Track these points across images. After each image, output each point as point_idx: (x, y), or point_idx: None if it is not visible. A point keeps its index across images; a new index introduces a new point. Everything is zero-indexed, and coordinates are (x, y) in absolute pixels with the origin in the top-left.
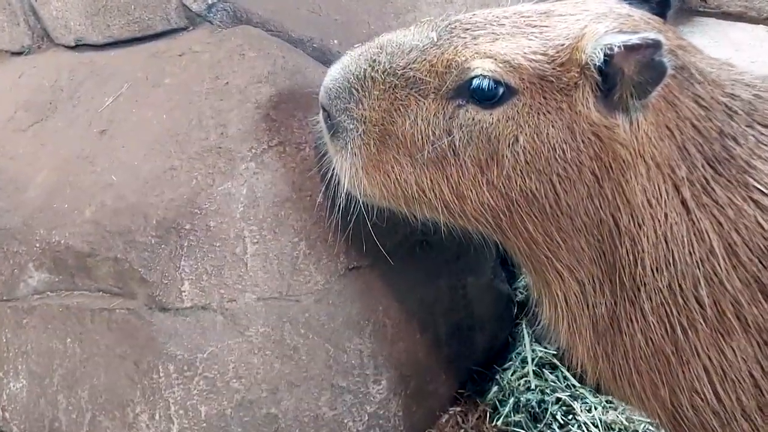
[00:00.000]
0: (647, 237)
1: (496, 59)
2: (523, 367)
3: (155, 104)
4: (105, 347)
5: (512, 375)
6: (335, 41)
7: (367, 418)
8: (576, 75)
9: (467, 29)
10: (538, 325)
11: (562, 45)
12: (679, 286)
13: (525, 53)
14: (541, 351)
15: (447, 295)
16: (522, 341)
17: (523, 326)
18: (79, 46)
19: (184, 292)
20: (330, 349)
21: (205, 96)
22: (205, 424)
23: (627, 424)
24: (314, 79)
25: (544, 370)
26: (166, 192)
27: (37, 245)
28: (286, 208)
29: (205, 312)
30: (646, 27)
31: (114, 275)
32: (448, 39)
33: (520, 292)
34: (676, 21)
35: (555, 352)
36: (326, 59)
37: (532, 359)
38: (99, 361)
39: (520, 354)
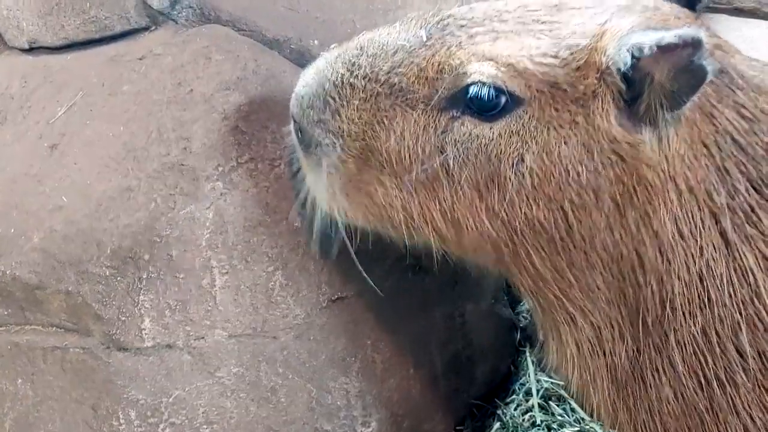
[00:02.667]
0: (678, 275)
1: (497, 62)
2: (528, 400)
3: (111, 115)
4: (59, 390)
5: (516, 409)
6: (315, 42)
7: None
8: (594, 82)
9: (463, 26)
10: (542, 352)
11: (578, 45)
12: (716, 332)
13: (532, 55)
14: (547, 381)
15: (443, 324)
16: (526, 371)
17: (527, 355)
18: (34, 49)
19: (145, 329)
20: (312, 389)
21: (166, 105)
22: None
23: None
24: (290, 85)
25: (550, 402)
26: (121, 216)
27: None
28: (259, 234)
29: (169, 351)
30: (677, 23)
31: (67, 310)
32: (439, 38)
33: (523, 317)
34: None
35: (562, 383)
36: (305, 62)
37: (537, 391)
38: (53, 405)
39: (524, 385)
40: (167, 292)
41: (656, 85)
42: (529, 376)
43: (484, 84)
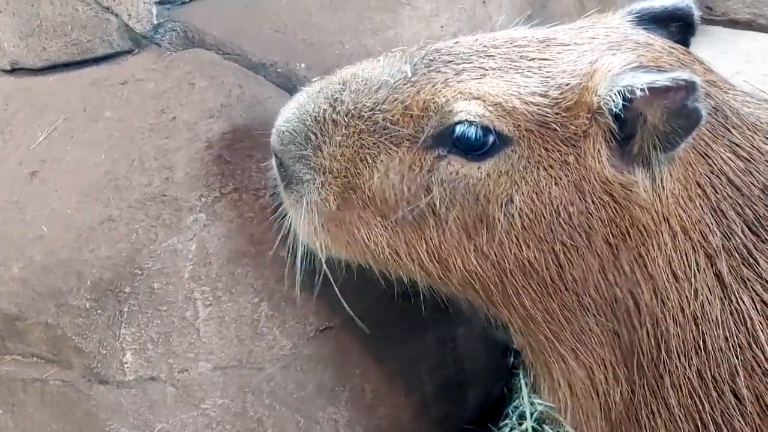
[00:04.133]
0: (673, 318)
1: (484, 101)
2: (521, 424)
3: (93, 142)
4: (40, 422)
5: None
6: (302, 65)
7: None
8: (585, 122)
9: (449, 62)
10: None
11: (568, 84)
12: (712, 376)
13: (521, 94)
14: (541, 404)
15: (434, 350)
16: (519, 394)
17: (521, 377)
18: (16, 71)
19: (126, 363)
20: (300, 420)
21: (148, 133)
22: None
23: None
24: (276, 111)
25: (544, 426)
26: (102, 248)
27: None
28: (244, 265)
29: (152, 384)
30: (670, 60)
31: (47, 341)
32: (425, 74)
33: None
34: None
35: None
36: (291, 85)
37: (531, 414)
38: None
39: (517, 408)
40: (149, 325)
41: (649, 126)
42: (522, 399)
43: (471, 123)
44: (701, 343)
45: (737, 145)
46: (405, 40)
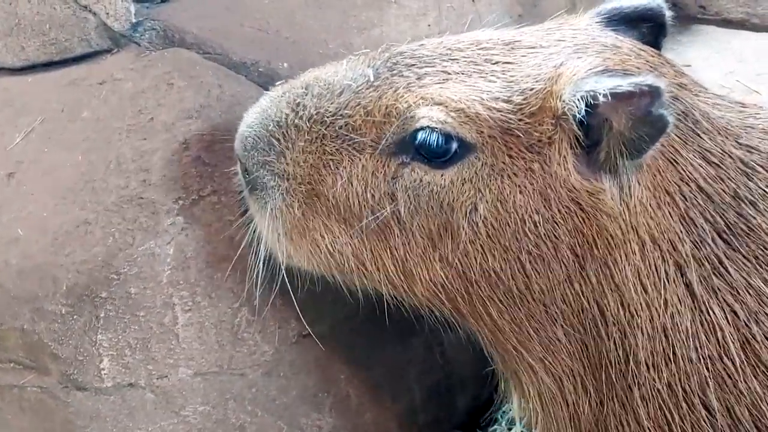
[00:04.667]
0: (641, 329)
1: (446, 107)
2: (511, 429)
3: (70, 143)
4: (18, 430)
5: None
6: (285, 64)
7: None
8: (550, 128)
9: (411, 65)
10: None
11: (532, 89)
12: (683, 387)
13: (483, 99)
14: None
15: (422, 355)
16: (509, 398)
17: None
18: None
19: (104, 369)
20: (283, 427)
21: (125, 134)
22: None
23: None
24: None
25: (534, 431)
26: (78, 252)
27: None
28: (223, 269)
29: (131, 390)
30: (638, 63)
31: (23, 347)
32: (387, 78)
33: None
34: (672, 30)
35: None
36: (273, 85)
37: (521, 419)
38: None
39: (506, 413)
40: (127, 331)
41: (615, 132)
42: (512, 404)
43: (432, 130)
44: (671, 354)
45: (708, 151)
46: (391, 39)
